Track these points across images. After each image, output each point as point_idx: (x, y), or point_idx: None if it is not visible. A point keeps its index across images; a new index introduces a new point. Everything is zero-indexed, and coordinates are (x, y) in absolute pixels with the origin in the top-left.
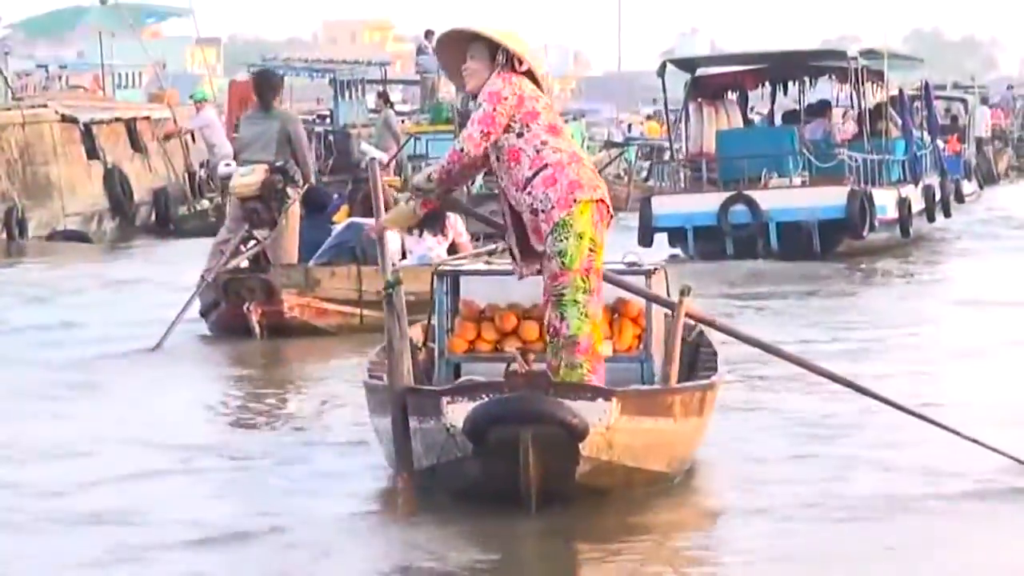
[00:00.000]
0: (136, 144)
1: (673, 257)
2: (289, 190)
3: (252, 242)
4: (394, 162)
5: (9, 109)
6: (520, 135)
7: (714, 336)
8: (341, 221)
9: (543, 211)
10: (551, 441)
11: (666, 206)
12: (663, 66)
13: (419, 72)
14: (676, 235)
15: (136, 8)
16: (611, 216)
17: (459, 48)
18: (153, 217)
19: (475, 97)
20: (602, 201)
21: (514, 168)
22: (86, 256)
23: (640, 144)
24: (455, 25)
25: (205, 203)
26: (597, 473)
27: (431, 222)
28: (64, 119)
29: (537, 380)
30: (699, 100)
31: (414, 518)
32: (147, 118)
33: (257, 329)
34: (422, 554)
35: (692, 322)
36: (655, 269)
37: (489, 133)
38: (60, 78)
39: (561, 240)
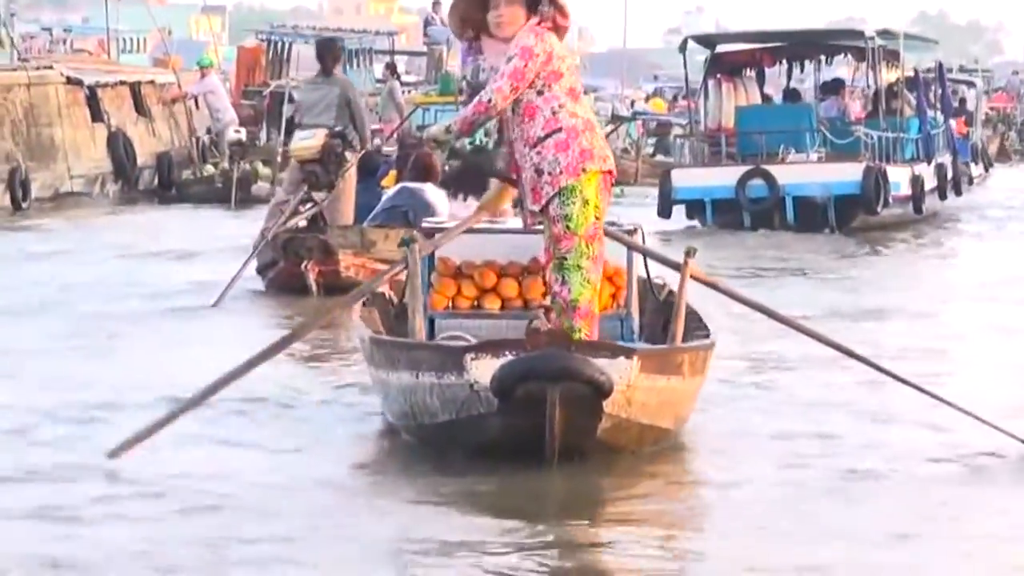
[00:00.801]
0: (140, 108)
1: (690, 228)
2: (347, 154)
3: (310, 203)
4: (398, 133)
5: (15, 70)
6: (540, 93)
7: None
8: (390, 186)
9: (549, 173)
10: (577, 398)
11: (686, 179)
12: (685, 42)
13: (427, 43)
14: (695, 207)
15: None
16: (612, 185)
17: None
18: (156, 181)
19: (481, 64)
20: (609, 172)
21: (527, 124)
22: (94, 218)
23: (648, 119)
24: None
25: (210, 168)
26: (615, 430)
27: (476, 188)
28: (69, 81)
29: (559, 338)
30: (718, 76)
31: (431, 473)
32: (152, 82)
33: (314, 287)
34: (444, 506)
35: (661, 282)
36: (634, 229)
37: (517, 87)
38: (64, 42)
39: (568, 204)
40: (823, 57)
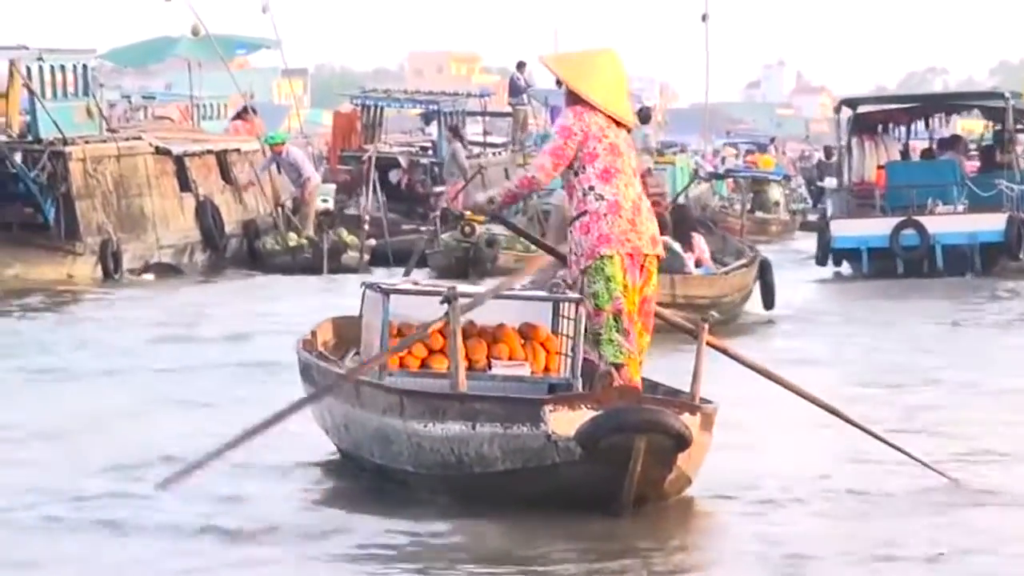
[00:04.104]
0: (227, 176)
1: (837, 275)
2: None
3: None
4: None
5: (104, 141)
6: (576, 173)
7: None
8: None
9: (576, 254)
10: (658, 450)
11: (843, 229)
12: (839, 104)
13: (511, 104)
14: (851, 255)
15: (227, 41)
16: (655, 257)
17: None
18: (244, 249)
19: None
20: (632, 254)
21: (568, 202)
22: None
23: (740, 176)
24: (543, 56)
25: (293, 237)
26: (675, 481)
27: (682, 236)
28: (158, 151)
29: (629, 393)
30: (860, 135)
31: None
32: (237, 150)
33: None
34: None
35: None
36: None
37: (558, 164)
38: (144, 109)
39: (593, 284)
40: (943, 115)
